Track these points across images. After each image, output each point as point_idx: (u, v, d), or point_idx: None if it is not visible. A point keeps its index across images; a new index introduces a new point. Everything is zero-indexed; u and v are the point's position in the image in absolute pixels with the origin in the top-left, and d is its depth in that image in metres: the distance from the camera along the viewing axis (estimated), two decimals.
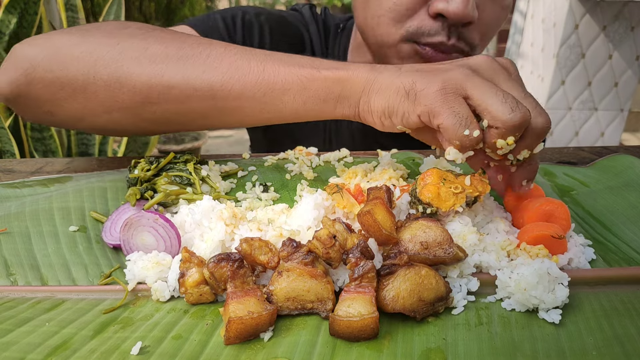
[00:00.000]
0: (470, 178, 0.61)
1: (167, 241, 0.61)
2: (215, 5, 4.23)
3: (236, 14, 1.06)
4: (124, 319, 0.53)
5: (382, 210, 0.57)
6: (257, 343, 0.50)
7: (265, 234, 0.60)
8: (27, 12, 1.74)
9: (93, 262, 0.63)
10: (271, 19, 1.09)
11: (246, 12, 1.07)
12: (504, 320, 0.52)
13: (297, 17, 1.14)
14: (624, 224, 0.70)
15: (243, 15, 1.06)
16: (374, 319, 0.49)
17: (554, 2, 2.74)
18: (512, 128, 0.55)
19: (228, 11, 1.07)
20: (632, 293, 0.56)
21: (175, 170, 0.73)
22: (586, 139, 2.94)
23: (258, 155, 0.90)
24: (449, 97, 0.57)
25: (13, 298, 0.57)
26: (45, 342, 0.49)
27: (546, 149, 0.95)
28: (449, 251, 0.55)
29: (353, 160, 0.87)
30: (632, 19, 2.60)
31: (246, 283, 0.53)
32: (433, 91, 0.58)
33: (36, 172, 0.85)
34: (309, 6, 1.16)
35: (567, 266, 0.59)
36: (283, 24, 1.11)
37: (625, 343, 0.49)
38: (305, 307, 0.53)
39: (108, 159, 0.92)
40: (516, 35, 3.30)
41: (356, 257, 0.52)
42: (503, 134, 0.56)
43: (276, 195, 0.75)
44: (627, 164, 0.83)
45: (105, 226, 0.67)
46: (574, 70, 2.75)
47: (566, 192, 0.78)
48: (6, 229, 0.66)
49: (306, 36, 1.12)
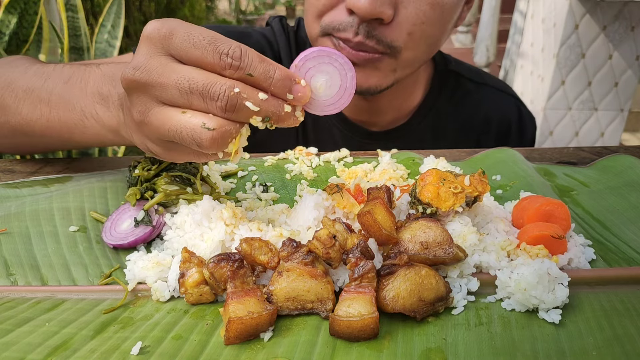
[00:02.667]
0: (469, 178, 0.61)
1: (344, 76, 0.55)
2: (215, 6, 4.23)
3: None
4: (124, 319, 0.53)
5: (382, 210, 0.57)
6: (257, 343, 0.50)
7: (265, 234, 0.60)
8: (27, 12, 1.74)
9: (93, 262, 0.63)
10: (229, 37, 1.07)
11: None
12: (504, 320, 0.52)
13: (267, 31, 1.12)
14: (624, 224, 0.69)
15: None
16: (374, 319, 0.49)
17: (554, 2, 2.74)
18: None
19: None
20: (632, 293, 0.56)
21: (175, 170, 0.73)
22: (586, 139, 2.94)
23: (258, 155, 0.90)
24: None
25: (13, 298, 0.57)
26: (45, 342, 0.49)
27: (546, 149, 0.95)
28: (449, 251, 0.55)
29: (353, 161, 0.87)
30: (632, 19, 2.60)
31: (246, 283, 0.53)
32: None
33: (36, 172, 0.85)
34: (279, 18, 1.15)
35: (567, 266, 0.59)
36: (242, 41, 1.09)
37: (625, 343, 0.49)
38: (305, 307, 0.53)
39: (108, 159, 0.92)
40: (516, 35, 3.30)
41: (356, 257, 0.52)
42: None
43: (276, 195, 0.75)
44: (627, 164, 0.83)
45: (105, 226, 0.67)
46: (574, 70, 2.76)
47: (566, 192, 0.78)
48: (6, 229, 0.66)
49: (269, 52, 1.09)
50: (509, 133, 1.19)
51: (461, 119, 1.15)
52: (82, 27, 1.83)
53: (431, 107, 1.12)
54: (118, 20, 2.06)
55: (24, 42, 1.79)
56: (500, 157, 0.87)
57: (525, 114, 1.22)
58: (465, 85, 1.16)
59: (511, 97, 1.22)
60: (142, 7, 3.68)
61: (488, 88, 1.19)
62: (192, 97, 0.51)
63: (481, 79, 1.19)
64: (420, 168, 0.82)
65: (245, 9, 9.51)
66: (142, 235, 0.65)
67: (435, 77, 1.13)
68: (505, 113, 1.19)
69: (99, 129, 0.70)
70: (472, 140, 1.15)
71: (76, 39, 1.82)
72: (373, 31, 0.82)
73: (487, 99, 1.17)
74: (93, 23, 3.00)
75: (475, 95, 1.16)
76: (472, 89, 1.16)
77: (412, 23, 0.83)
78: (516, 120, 1.19)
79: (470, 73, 1.18)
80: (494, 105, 1.18)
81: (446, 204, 0.59)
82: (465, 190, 0.60)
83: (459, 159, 0.89)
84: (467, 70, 1.19)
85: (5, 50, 1.73)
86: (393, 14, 0.81)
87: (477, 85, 1.17)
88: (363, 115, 1.08)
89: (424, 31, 0.85)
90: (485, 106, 1.16)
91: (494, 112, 1.17)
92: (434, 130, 1.13)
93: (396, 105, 1.08)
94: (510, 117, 1.19)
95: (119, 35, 2.05)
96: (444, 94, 1.13)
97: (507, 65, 3.49)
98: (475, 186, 0.61)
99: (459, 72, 1.16)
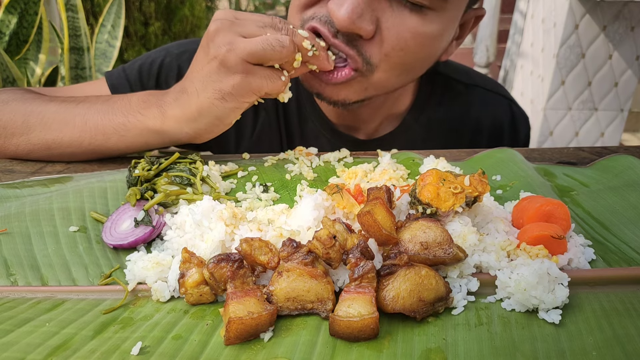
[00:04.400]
0: (469, 178, 0.61)
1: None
2: (215, 6, 4.23)
3: (156, 58, 1.07)
4: (124, 319, 0.54)
5: (382, 210, 0.57)
6: (257, 343, 0.50)
7: (265, 234, 0.60)
8: (27, 12, 1.74)
9: (93, 262, 0.63)
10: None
11: (168, 54, 1.08)
12: (504, 320, 0.52)
13: None
14: (624, 224, 0.69)
15: (163, 58, 1.07)
16: (374, 319, 0.49)
17: (554, 2, 2.74)
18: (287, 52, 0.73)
19: (151, 55, 1.09)
20: (632, 293, 0.56)
21: (175, 170, 0.73)
22: (586, 139, 2.94)
23: (258, 156, 0.90)
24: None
25: (13, 298, 0.57)
26: (45, 342, 0.49)
27: (546, 149, 0.95)
28: (449, 251, 0.55)
29: (353, 161, 0.87)
30: (632, 19, 2.60)
31: (246, 283, 0.53)
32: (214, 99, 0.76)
33: (36, 173, 0.85)
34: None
35: (567, 266, 0.59)
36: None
37: (625, 343, 0.49)
38: (305, 307, 0.53)
39: (108, 159, 0.92)
40: (516, 35, 3.30)
41: (356, 257, 0.52)
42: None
43: (276, 196, 0.75)
44: (627, 164, 0.83)
45: (105, 226, 0.67)
46: (574, 70, 2.75)
47: (566, 192, 0.78)
48: (6, 229, 0.66)
49: None
50: (502, 134, 1.16)
51: (452, 123, 1.12)
52: (82, 27, 1.83)
53: (421, 112, 1.09)
54: (118, 20, 2.06)
55: (24, 42, 1.79)
56: (500, 157, 0.87)
57: (518, 113, 1.19)
58: (455, 88, 1.13)
59: (502, 97, 1.18)
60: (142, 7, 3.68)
61: (478, 89, 1.16)
62: (266, 29, 0.75)
63: (470, 79, 1.16)
64: (420, 168, 0.82)
65: (245, 9, 9.50)
66: (142, 236, 0.65)
67: (423, 80, 1.10)
68: (497, 114, 1.16)
69: (141, 130, 0.82)
70: (464, 143, 1.12)
71: (76, 39, 1.82)
72: (354, 41, 0.80)
73: (477, 101, 1.15)
74: (93, 23, 2.99)
75: (465, 98, 1.14)
76: (461, 90, 1.14)
77: (391, 46, 0.81)
78: (509, 120, 1.17)
79: (459, 74, 1.15)
80: (484, 106, 1.15)
81: (446, 204, 0.59)
82: (465, 191, 0.60)
83: (458, 159, 0.89)
84: (455, 71, 1.16)
85: (5, 50, 1.73)
86: (374, 30, 0.79)
87: (467, 87, 1.14)
88: (348, 121, 1.07)
89: (401, 57, 0.82)
90: (476, 108, 1.14)
91: (485, 114, 1.14)
92: (425, 135, 1.10)
93: (383, 112, 1.06)
94: (503, 118, 1.16)
95: (119, 35, 2.05)
96: (433, 98, 1.11)
97: (507, 65, 3.48)
98: (475, 186, 0.61)
99: (448, 74, 1.13)
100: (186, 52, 1.07)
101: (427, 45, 0.84)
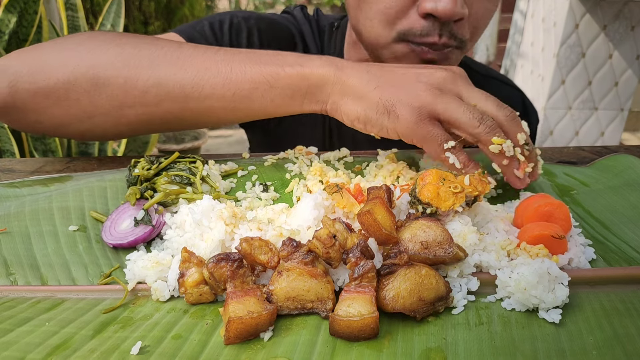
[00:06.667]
0: (469, 178, 0.61)
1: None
2: (215, 5, 4.23)
3: (224, 18, 1.08)
4: (124, 318, 0.53)
5: (382, 209, 0.57)
6: (257, 343, 0.50)
7: (265, 233, 0.60)
8: (26, 11, 1.74)
9: (93, 261, 0.63)
10: (260, 22, 1.10)
11: (234, 15, 1.09)
12: (504, 320, 0.52)
13: (289, 19, 1.15)
14: (624, 223, 0.69)
15: (231, 19, 1.08)
16: (374, 319, 0.49)
17: (554, 1, 2.73)
18: (481, 135, 0.66)
19: (216, 17, 1.09)
20: (632, 293, 0.56)
21: (175, 169, 0.73)
22: (586, 138, 2.94)
23: (258, 155, 0.90)
24: (425, 123, 0.67)
25: (13, 298, 0.57)
26: (45, 341, 0.49)
27: (546, 149, 0.95)
28: (449, 251, 0.55)
29: (353, 160, 0.87)
30: (632, 19, 2.60)
31: (246, 283, 0.53)
32: (412, 122, 0.67)
33: (36, 172, 0.85)
34: (300, 7, 1.17)
35: (567, 266, 0.59)
36: (273, 26, 1.12)
37: (626, 343, 0.49)
38: (305, 306, 0.53)
39: (108, 158, 0.92)
40: (516, 35, 3.30)
41: (356, 256, 0.52)
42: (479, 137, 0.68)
43: (276, 195, 0.75)
44: (627, 163, 0.83)
45: (105, 226, 0.67)
46: (574, 70, 2.75)
47: (566, 191, 0.78)
48: (6, 228, 0.66)
49: (298, 37, 1.13)
50: None
51: None
52: (82, 26, 1.83)
53: None
54: (118, 19, 2.06)
55: (23, 42, 1.79)
56: None
57: (530, 107, 1.25)
58: (474, 77, 1.18)
59: (516, 90, 1.25)
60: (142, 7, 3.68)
61: (494, 81, 1.22)
62: (477, 113, 0.69)
63: (487, 72, 1.23)
64: (420, 168, 0.82)
65: (245, 8, 9.52)
66: (142, 235, 0.65)
67: None
68: (512, 104, 1.20)
69: (292, 80, 0.73)
70: None
71: None
72: (452, 30, 0.84)
73: (493, 91, 1.19)
74: (93, 22, 2.99)
75: (483, 87, 1.18)
76: (480, 80, 1.18)
77: (478, 18, 0.87)
78: (522, 112, 1.21)
79: (477, 66, 1.22)
80: (500, 96, 1.19)
81: (446, 204, 0.59)
82: (465, 190, 0.60)
83: None
84: (474, 63, 1.22)
85: (5, 50, 1.73)
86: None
87: (484, 78, 1.20)
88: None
89: (484, 25, 0.90)
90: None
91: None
92: None
93: None
94: (517, 109, 1.21)
95: None
96: None
97: (507, 64, 3.48)
98: (475, 186, 0.61)
99: (468, 64, 1.18)
100: (251, 18, 1.09)
101: (495, 5, 0.90)
